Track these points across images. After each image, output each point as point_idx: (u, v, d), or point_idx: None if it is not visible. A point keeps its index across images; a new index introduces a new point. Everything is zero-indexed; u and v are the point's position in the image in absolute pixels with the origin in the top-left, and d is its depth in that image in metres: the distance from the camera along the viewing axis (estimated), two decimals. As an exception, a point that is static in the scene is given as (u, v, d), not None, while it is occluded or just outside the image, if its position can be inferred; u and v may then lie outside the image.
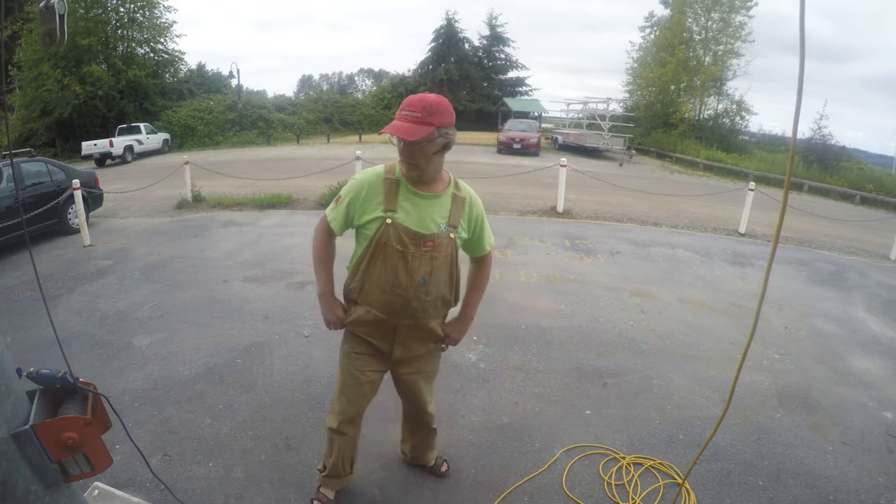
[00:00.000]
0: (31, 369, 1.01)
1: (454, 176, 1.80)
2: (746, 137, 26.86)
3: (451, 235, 1.72)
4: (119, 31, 23.52)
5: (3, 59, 1.15)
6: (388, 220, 1.65)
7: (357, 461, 2.15)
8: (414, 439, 2.26)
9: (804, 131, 20.73)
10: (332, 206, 1.77)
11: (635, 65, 29.14)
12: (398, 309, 1.73)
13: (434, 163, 1.65)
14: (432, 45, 36.48)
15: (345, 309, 1.85)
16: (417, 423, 2.17)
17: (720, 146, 22.46)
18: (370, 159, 10.19)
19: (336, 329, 1.88)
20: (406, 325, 1.78)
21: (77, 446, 0.90)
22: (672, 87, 26.35)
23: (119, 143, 17.52)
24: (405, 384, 1.98)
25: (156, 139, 20.27)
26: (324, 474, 2.06)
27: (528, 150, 19.23)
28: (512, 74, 38.53)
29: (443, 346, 1.99)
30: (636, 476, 2.37)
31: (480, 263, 1.97)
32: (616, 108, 25.63)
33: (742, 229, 8.01)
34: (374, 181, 1.70)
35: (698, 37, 25.58)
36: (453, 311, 2.00)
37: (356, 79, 59.56)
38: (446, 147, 1.62)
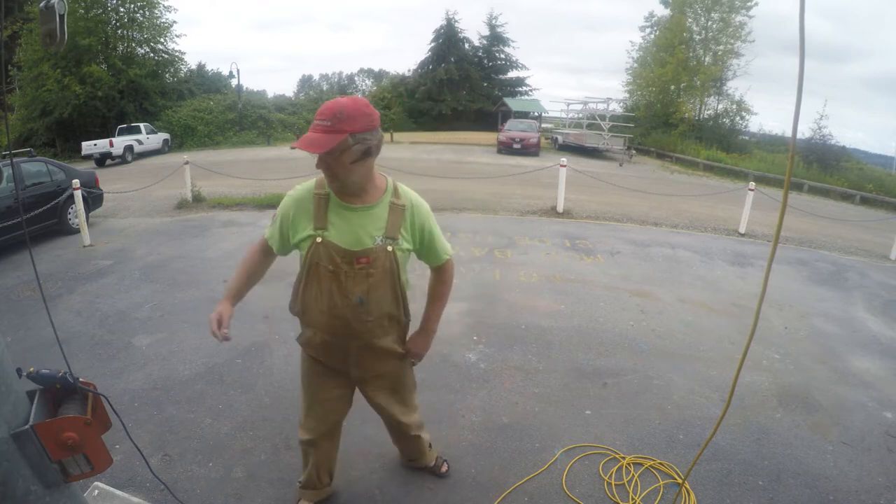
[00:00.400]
0: (31, 369, 1.01)
1: (393, 182, 1.67)
2: (746, 137, 26.86)
3: (390, 248, 1.58)
4: (119, 31, 23.51)
5: (3, 59, 1.15)
6: (318, 239, 1.55)
7: (357, 462, 2.15)
8: (400, 446, 2.24)
9: (804, 131, 20.74)
10: (269, 223, 1.70)
11: (635, 65, 29.15)
12: (341, 330, 1.64)
13: (356, 173, 1.50)
14: (432, 45, 36.53)
15: (226, 318, 1.68)
16: (397, 433, 2.13)
17: (720, 146, 22.46)
18: (370, 159, 10.18)
19: (213, 327, 1.64)
20: (355, 346, 1.69)
21: (77, 446, 0.90)
22: (672, 87, 26.34)
23: (119, 143, 17.52)
24: (371, 400, 1.91)
25: (156, 139, 20.27)
26: (301, 486, 2.05)
27: (528, 150, 19.23)
28: (512, 74, 38.61)
29: (413, 360, 1.91)
30: (636, 476, 2.37)
31: (439, 274, 1.82)
32: (616, 108, 25.65)
33: (742, 229, 8.01)
34: (303, 198, 1.60)
35: (698, 37, 25.57)
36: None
37: (356, 79, 59.69)
38: (367, 154, 1.48)
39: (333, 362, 1.76)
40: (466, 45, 37.09)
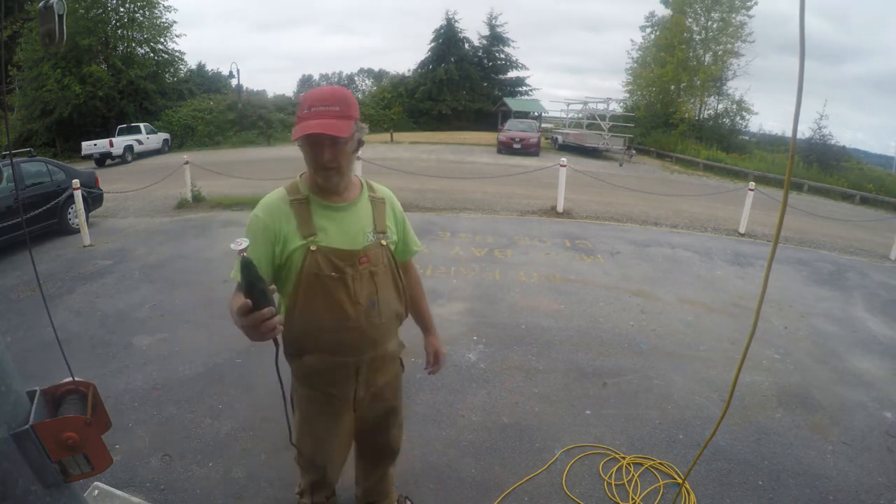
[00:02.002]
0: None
1: (362, 177, 1.59)
2: (746, 137, 26.86)
3: (384, 243, 1.49)
4: (119, 31, 23.52)
5: (3, 59, 1.15)
6: (312, 247, 1.37)
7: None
8: (368, 482, 1.91)
9: (804, 131, 20.78)
10: (235, 261, 1.25)
11: (635, 65, 29.15)
12: (355, 344, 1.46)
13: (352, 164, 1.44)
14: (432, 45, 36.47)
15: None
16: (376, 460, 1.86)
17: (720, 146, 22.46)
18: (370, 159, 10.20)
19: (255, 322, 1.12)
20: (367, 358, 1.51)
21: (77, 446, 0.90)
22: (672, 87, 26.35)
23: (119, 143, 17.52)
24: (370, 420, 1.67)
25: (156, 139, 20.27)
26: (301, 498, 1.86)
27: (528, 150, 19.23)
28: (512, 74, 38.54)
29: (433, 369, 1.81)
30: (636, 476, 2.37)
31: (410, 268, 1.72)
32: (616, 108, 25.64)
33: (742, 229, 8.02)
34: (276, 208, 1.40)
35: (698, 37, 25.57)
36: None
37: (356, 79, 59.68)
38: (361, 145, 1.42)
39: (341, 388, 1.53)
40: (466, 45, 37.05)
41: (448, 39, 35.93)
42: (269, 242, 1.38)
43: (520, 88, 38.33)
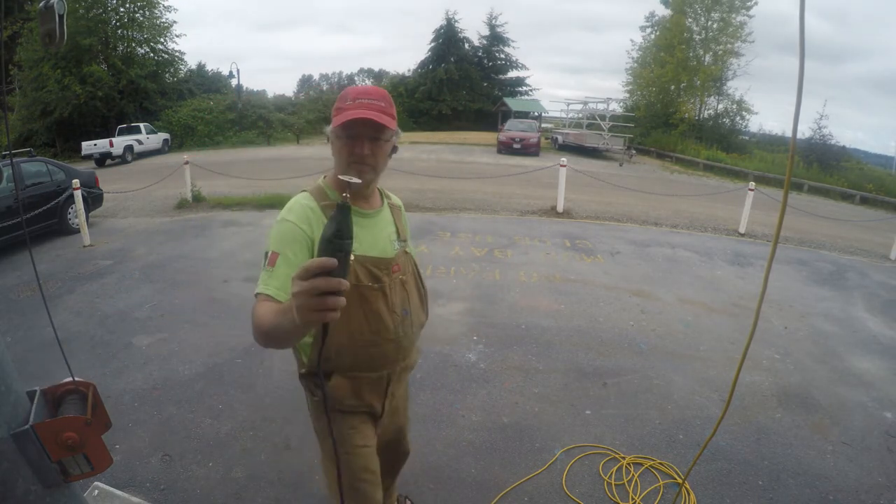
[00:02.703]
0: None
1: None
2: (746, 137, 26.86)
3: (408, 251, 1.47)
4: (119, 31, 23.53)
5: (3, 59, 1.15)
6: (351, 256, 1.21)
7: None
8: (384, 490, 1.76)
9: (804, 131, 20.75)
10: (265, 273, 1.19)
11: (635, 65, 29.14)
12: (392, 356, 1.40)
13: (385, 168, 1.36)
14: (432, 45, 36.49)
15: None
16: (394, 468, 1.80)
17: (720, 146, 22.45)
18: (370, 159, 10.16)
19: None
20: (397, 370, 1.45)
21: (77, 446, 0.90)
22: (672, 87, 26.35)
23: (119, 143, 17.52)
24: (390, 432, 1.61)
25: (156, 139, 20.27)
26: None
27: (528, 150, 19.22)
28: (512, 74, 38.57)
29: None
30: (636, 476, 2.37)
31: None
32: (616, 108, 25.64)
33: (742, 229, 8.01)
34: (308, 216, 1.27)
35: (698, 37, 25.56)
36: None
37: (356, 79, 59.53)
38: (394, 151, 1.36)
39: (372, 404, 1.43)
40: (466, 45, 37.07)
41: (448, 39, 35.94)
42: (307, 250, 1.23)
43: (520, 88, 38.34)
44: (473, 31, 45.89)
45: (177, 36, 25.73)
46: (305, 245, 1.23)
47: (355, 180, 0.89)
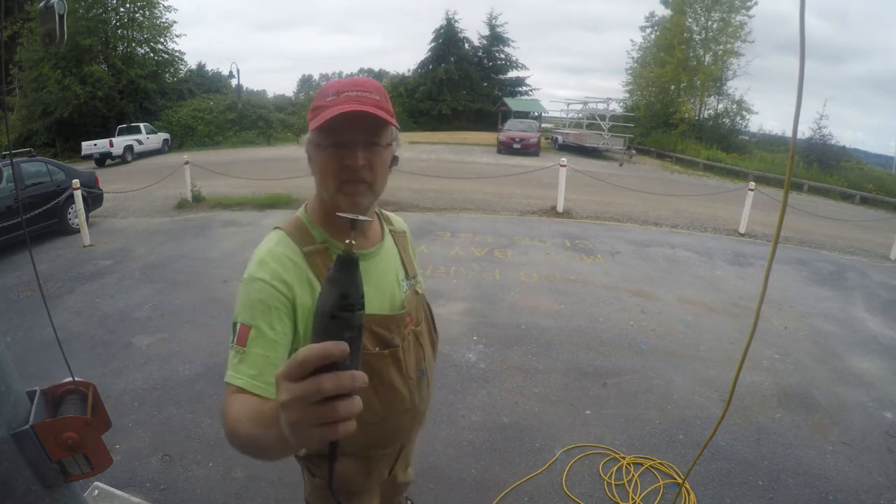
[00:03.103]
0: None
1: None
2: (746, 137, 26.85)
3: (419, 290, 1.16)
4: (119, 31, 23.53)
5: (3, 59, 1.15)
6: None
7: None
8: None
9: (804, 131, 20.74)
10: (233, 354, 0.87)
11: (635, 65, 29.15)
12: (407, 427, 1.14)
13: (385, 185, 1.00)
14: (432, 45, 36.48)
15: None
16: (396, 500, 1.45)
17: (720, 146, 22.45)
18: (370, 159, 10.16)
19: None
20: (413, 436, 1.24)
21: (77, 446, 0.90)
22: (672, 87, 26.35)
23: (119, 143, 17.51)
24: (390, 489, 1.32)
25: (156, 139, 20.26)
26: None
27: (528, 150, 19.22)
28: (512, 74, 38.56)
29: None
30: (636, 476, 2.37)
31: None
32: (616, 108, 25.64)
33: (742, 229, 8.02)
34: (288, 265, 0.93)
35: (698, 37, 25.56)
36: None
37: (356, 79, 59.45)
38: (395, 162, 1.01)
39: (378, 477, 1.19)
40: (466, 45, 37.06)
41: (448, 39, 35.94)
42: (289, 318, 0.90)
43: (520, 88, 38.34)
44: (473, 31, 45.91)
45: (177, 36, 25.75)
46: (286, 312, 0.90)
47: (363, 218, 0.64)
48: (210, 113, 24.75)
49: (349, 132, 0.90)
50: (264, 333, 0.87)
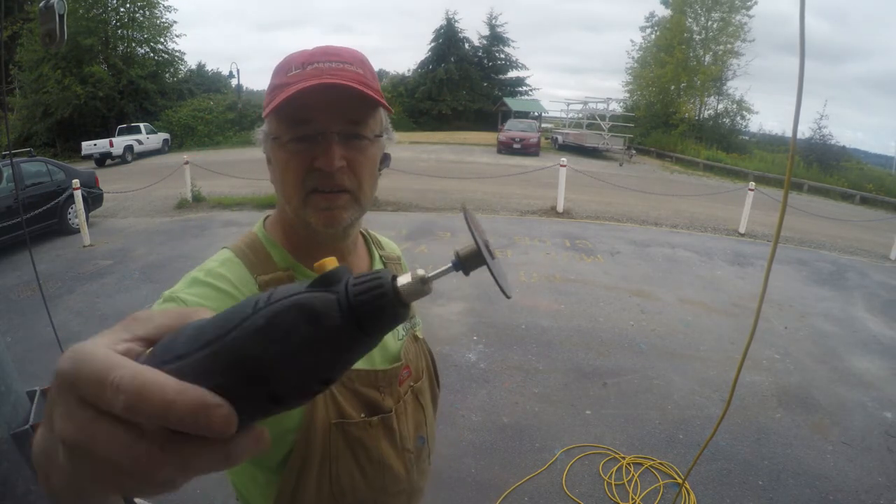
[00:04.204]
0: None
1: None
2: (746, 137, 26.86)
3: (419, 335, 0.90)
4: (119, 31, 23.55)
5: (3, 59, 1.15)
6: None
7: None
8: None
9: (804, 131, 20.75)
10: None
11: (635, 65, 29.15)
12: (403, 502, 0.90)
13: (374, 188, 0.74)
14: (432, 45, 36.47)
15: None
16: None
17: (720, 146, 22.46)
18: (370, 159, 10.16)
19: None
20: None
21: (77, 446, 0.90)
22: (672, 87, 26.35)
23: (119, 143, 17.50)
24: None
25: (156, 139, 20.26)
26: None
27: (528, 150, 19.22)
28: (512, 74, 38.54)
29: None
30: (636, 476, 2.37)
31: None
32: (616, 108, 25.65)
33: (742, 229, 8.02)
34: (223, 298, 0.67)
35: (698, 37, 25.58)
36: None
37: (356, 79, 59.46)
38: (387, 162, 0.76)
39: None
40: (466, 45, 37.05)
41: (448, 39, 35.93)
42: None
43: (520, 88, 38.33)
44: (473, 31, 45.82)
45: (177, 36, 25.81)
46: None
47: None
48: (210, 113, 24.76)
49: (320, 119, 0.64)
50: None
